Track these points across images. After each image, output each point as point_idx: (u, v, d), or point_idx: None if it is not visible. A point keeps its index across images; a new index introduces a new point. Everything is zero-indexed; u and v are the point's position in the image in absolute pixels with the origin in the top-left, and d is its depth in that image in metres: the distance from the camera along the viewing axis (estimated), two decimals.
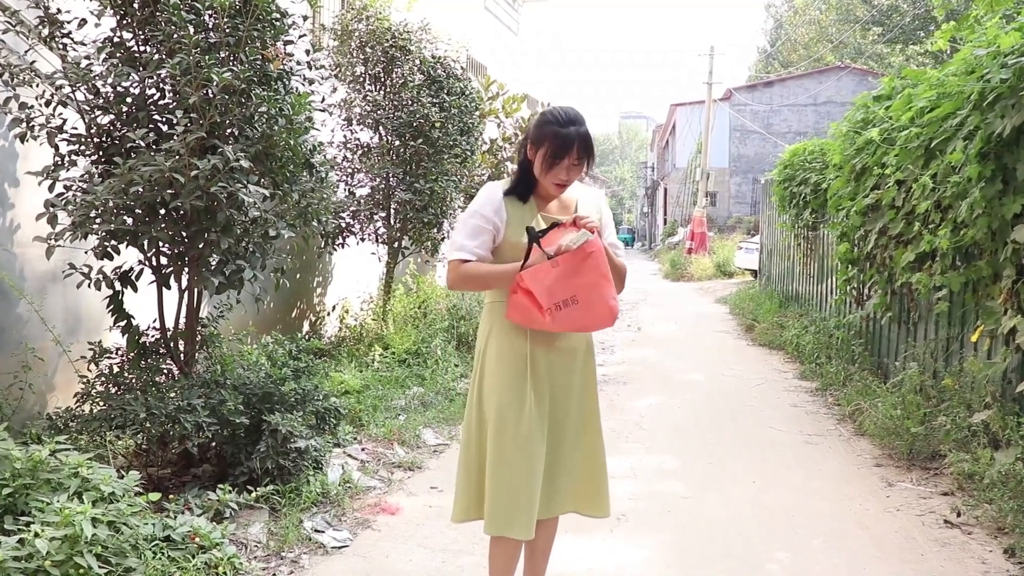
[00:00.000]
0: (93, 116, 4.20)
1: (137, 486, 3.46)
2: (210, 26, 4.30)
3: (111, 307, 4.47)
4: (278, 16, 4.49)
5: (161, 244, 4.38)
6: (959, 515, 4.36)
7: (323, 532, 4.16)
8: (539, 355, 2.89)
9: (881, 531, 4.28)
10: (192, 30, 4.08)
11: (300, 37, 4.84)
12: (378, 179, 8.16)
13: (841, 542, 4.14)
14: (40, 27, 4.21)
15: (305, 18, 4.86)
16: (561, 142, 2.78)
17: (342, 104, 8.06)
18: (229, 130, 4.29)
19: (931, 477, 5.07)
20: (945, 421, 5.07)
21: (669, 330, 12.37)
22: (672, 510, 4.60)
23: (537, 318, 2.74)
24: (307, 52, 4.90)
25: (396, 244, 8.56)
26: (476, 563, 3.84)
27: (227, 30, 4.22)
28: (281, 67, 4.50)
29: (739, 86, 37.88)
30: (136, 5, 4.26)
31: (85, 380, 4.44)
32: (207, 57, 4.04)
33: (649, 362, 9.51)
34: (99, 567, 2.95)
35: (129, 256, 4.53)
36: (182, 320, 4.70)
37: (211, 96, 4.10)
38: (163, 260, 4.50)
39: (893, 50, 34.68)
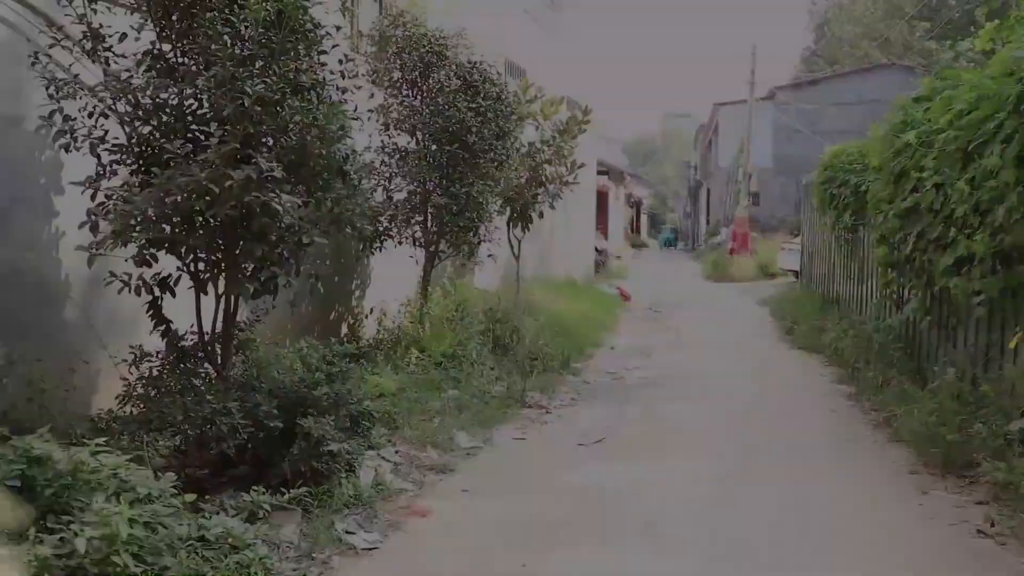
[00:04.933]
0: (133, 127, 4.33)
1: (173, 487, 3.56)
2: (245, 38, 4.41)
3: (150, 312, 4.61)
4: (311, 28, 4.58)
5: (198, 252, 4.51)
6: (993, 525, 4.29)
7: (354, 534, 4.24)
8: None
9: (913, 540, 4.24)
10: (228, 42, 4.18)
11: (333, 47, 4.92)
12: (415, 183, 8.24)
13: (872, 550, 4.10)
14: (84, 41, 4.36)
15: (339, 28, 4.94)
16: None
17: (379, 109, 8.16)
18: (263, 140, 4.39)
19: (966, 486, 4.99)
20: (982, 429, 4.98)
21: (709, 332, 12.29)
22: (703, 516, 4.59)
23: None
24: (340, 62, 4.98)
25: (433, 248, 8.64)
26: (507, 567, 3.88)
27: (261, 42, 4.31)
28: (314, 77, 4.58)
29: (783, 85, 37.26)
30: (175, 18, 4.38)
31: (126, 383, 4.58)
32: (241, 69, 4.14)
33: (687, 366, 9.47)
34: (135, 566, 3.06)
35: (167, 263, 4.65)
36: (219, 325, 4.81)
37: (245, 107, 4.20)
38: (200, 267, 4.62)
39: (943, 46, 33.93)
